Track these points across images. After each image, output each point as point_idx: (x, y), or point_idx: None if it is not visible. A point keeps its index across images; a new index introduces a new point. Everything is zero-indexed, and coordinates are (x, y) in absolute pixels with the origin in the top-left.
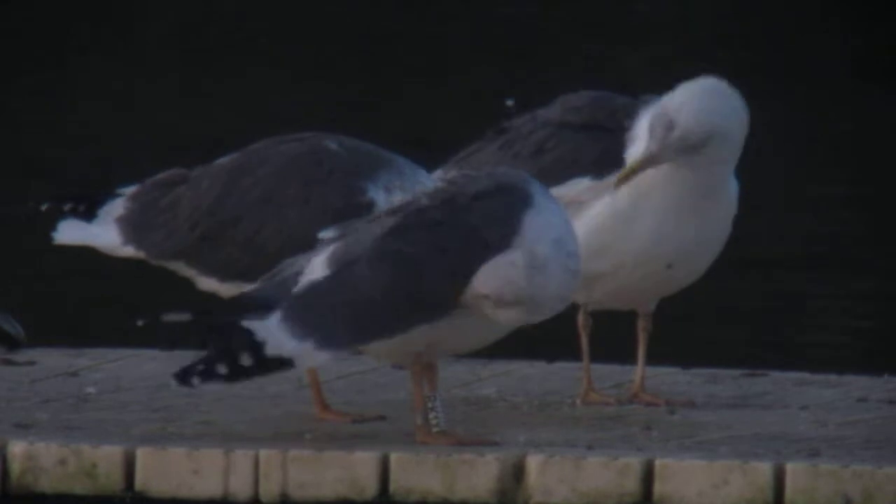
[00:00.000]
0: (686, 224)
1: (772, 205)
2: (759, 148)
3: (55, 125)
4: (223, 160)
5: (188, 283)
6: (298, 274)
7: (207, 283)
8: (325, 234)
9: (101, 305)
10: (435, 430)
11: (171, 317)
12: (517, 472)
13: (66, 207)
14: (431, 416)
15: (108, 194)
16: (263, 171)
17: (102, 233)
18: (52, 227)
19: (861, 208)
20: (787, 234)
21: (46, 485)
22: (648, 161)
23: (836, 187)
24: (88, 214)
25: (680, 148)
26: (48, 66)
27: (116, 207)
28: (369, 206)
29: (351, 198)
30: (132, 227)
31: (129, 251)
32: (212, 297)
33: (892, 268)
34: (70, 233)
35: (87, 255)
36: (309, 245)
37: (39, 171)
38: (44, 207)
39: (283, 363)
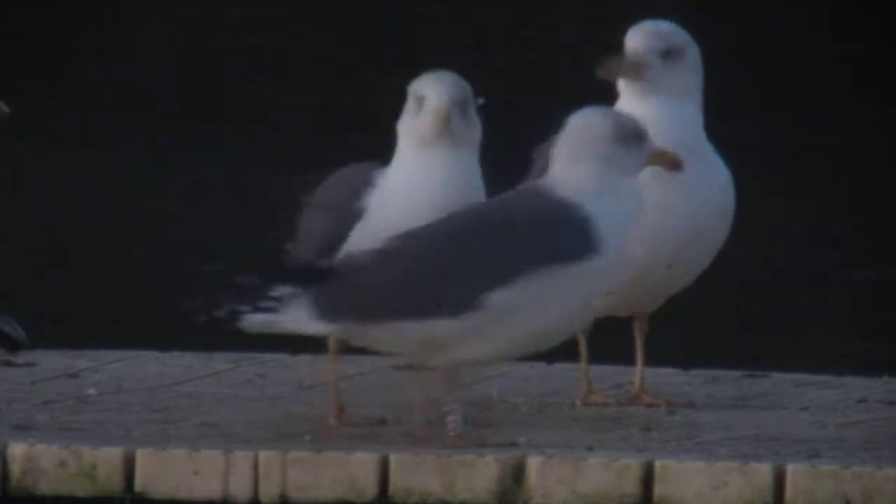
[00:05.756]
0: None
1: (771, 204)
2: (758, 147)
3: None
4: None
5: (192, 278)
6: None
7: None
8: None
9: (102, 306)
10: (452, 433)
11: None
12: (517, 474)
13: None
14: (450, 419)
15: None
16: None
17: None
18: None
19: (862, 208)
20: (786, 235)
21: (46, 487)
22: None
23: (833, 187)
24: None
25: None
26: None
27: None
28: None
29: None
30: None
31: None
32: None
33: (893, 268)
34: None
35: (87, 257)
36: None
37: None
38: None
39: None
